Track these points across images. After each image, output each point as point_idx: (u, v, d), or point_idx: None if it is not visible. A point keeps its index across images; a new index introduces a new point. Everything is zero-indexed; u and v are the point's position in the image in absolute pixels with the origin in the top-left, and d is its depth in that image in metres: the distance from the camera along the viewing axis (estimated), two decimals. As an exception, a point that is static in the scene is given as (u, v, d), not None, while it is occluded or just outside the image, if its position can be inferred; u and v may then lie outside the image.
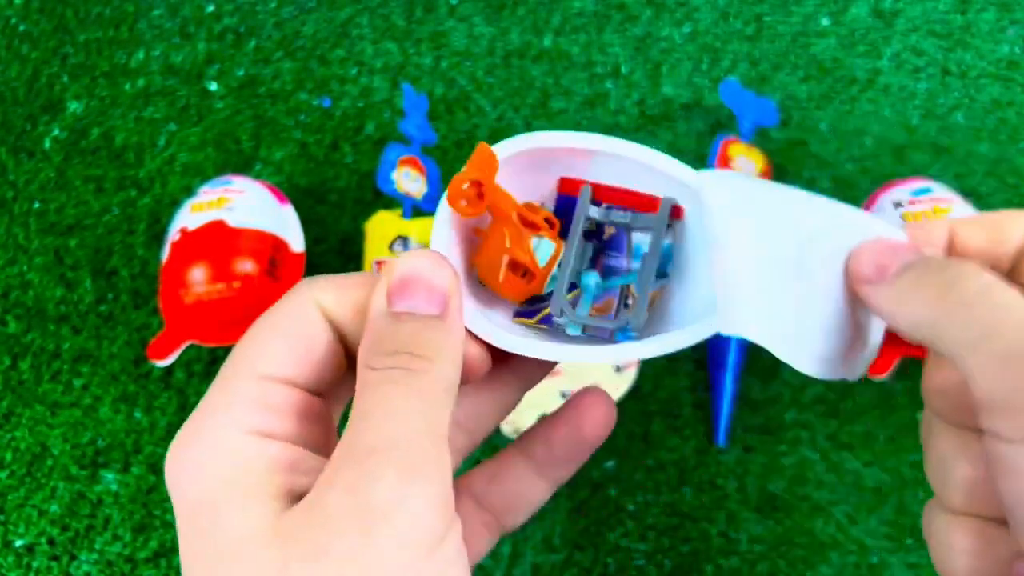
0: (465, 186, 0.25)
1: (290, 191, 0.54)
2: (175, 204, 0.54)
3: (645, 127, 0.55)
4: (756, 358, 0.48)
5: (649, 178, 0.27)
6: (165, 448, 0.47)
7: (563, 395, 0.43)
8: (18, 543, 0.46)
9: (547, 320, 0.27)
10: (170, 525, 0.45)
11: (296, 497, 0.19)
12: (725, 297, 0.25)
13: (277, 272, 0.47)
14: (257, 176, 0.54)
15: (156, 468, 0.47)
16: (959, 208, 0.45)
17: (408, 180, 0.49)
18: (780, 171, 0.52)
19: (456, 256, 0.27)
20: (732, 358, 0.46)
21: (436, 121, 0.56)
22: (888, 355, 0.44)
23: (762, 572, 0.43)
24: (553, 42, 0.58)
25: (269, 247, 0.47)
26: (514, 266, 0.27)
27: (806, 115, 0.54)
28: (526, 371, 0.27)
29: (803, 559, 0.43)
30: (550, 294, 0.27)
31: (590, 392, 0.26)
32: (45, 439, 0.48)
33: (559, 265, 0.27)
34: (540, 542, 0.44)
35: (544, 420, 0.27)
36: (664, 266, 0.26)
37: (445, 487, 0.19)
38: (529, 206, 0.27)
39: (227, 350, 0.49)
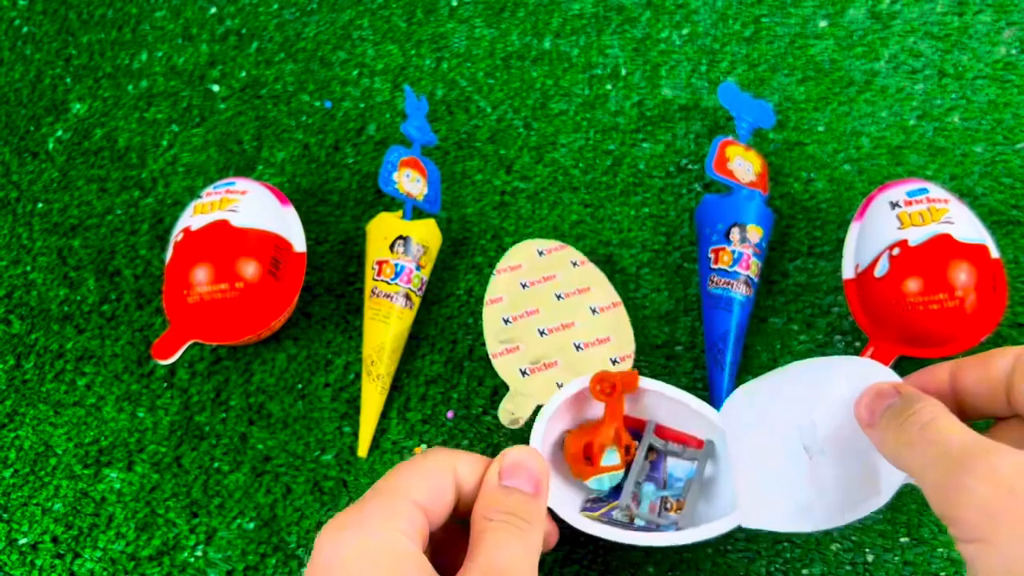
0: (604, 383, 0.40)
1: (292, 192, 0.54)
2: (178, 205, 0.54)
3: (644, 128, 0.55)
4: (754, 357, 0.48)
5: (686, 414, 0.41)
6: (168, 447, 0.48)
7: (558, 385, 0.44)
8: (22, 541, 0.46)
9: (607, 515, 0.40)
10: (172, 523, 0.46)
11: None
12: (745, 504, 0.37)
13: (279, 272, 0.47)
14: (259, 177, 0.55)
15: (159, 466, 0.47)
16: (955, 208, 0.45)
17: (409, 181, 0.50)
18: (777, 172, 0.53)
19: (551, 443, 0.41)
20: (729, 358, 0.46)
21: (437, 123, 0.56)
22: (885, 353, 0.45)
23: (759, 570, 0.43)
24: (553, 44, 0.58)
25: (271, 247, 0.47)
26: (587, 447, 0.39)
27: (803, 116, 0.55)
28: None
29: (799, 557, 0.43)
30: (608, 494, 0.41)
31: None
32: (49, 438, 0.49)
33: (627, 474, 0.41)
34: (540, 540, 0.45)
35: None
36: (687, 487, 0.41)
37: None
38: (625, 434, 0.41)
39: (230, 349, 0.50)
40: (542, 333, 0.46)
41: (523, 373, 0.45)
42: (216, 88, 0.58)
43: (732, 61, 0.57)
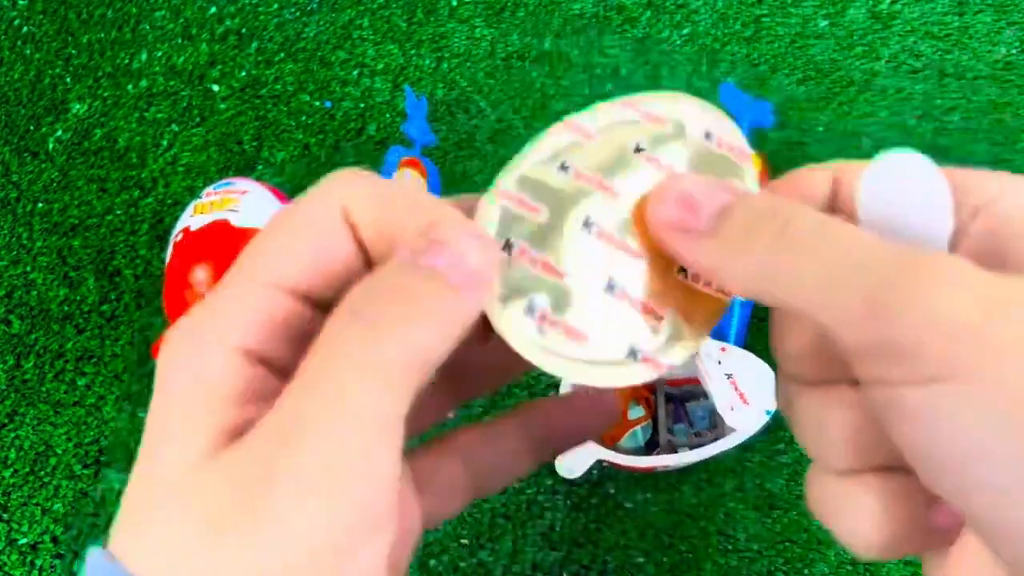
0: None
1: (292, 192, 0.54)
2: (177, 204, 0.54)
3: (644, 128, 0.55)
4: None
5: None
6: (168, 447, 0.48)
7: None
8: (22, 541, 0.46)
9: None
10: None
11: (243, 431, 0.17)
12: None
13: (279, 272, 0.47)
14: (259, 177, 0.55)
15: (159, 466, 0.47)
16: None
17: (410, 181, 0.50)
18: (777, 172, 0.53)
19: None
20: (730, 357, 0.46)
21: (437, 123, 0.56)
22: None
23: (760, 570, 0.43)
24: (553, 44, 0.58)
25: (271, 247, 0.47)
26: None
27: (804, 117, 0.55)
28: (557, 434, 0.26)
29: (800, 557, 0.43)
30: (643, 449, 0.44)
31: (598, 391, 0.25)
32: (49, 438, 0.49)
33: (655, 425, 0.45)
34: (540, 539, 0.45)
35: (549, 406, 0.26)
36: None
37: (367, 496, 0.16)
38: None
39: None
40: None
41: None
42: (216, 88, 0.58)
43: (732, 61, 0.57)
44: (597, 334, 0.19)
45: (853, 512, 0.20)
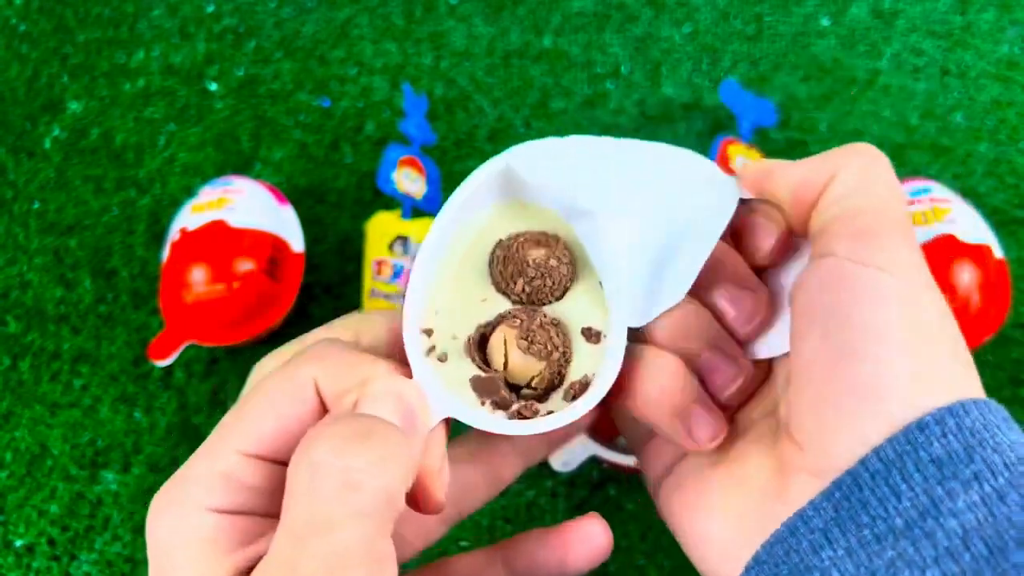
0: None
1: (290, 191, 0.54)
2: (175, 204, 0.54)
3: (645, 127, 0.55)
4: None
5: None
6: (165, 448, 0.47)
7: None
8: (18, 543, 0.46)
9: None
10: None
11: (250, 567, 0.21)
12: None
13: (277, 272, 0.47)
14: (257, 176, 0.54)
15: (156, 468, 0.47)
16: (958, 208, 0.45)
17: (408, 180, 0.49)
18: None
19: None
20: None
21: (436, 121, 0.56)
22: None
23: (762, 572, 0.43)
24: (553, 42, 0.58)
25: (269, 247, 0.47)
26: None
27: (806, 115, 0.54)
28: (526, 447, 0.27)
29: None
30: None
31: (588, 522, 0.26)
32: (45, 439, 0.48)
33: None
34: (540, 542, 0.44)
35: (535, 535, 0.26)
36: None
37: None
38: None
39: (227, 350, 0.49)
40: None
41: None
42: (213, 86, 0.58)
43: (734, 59, 0.56)
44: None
45: None
